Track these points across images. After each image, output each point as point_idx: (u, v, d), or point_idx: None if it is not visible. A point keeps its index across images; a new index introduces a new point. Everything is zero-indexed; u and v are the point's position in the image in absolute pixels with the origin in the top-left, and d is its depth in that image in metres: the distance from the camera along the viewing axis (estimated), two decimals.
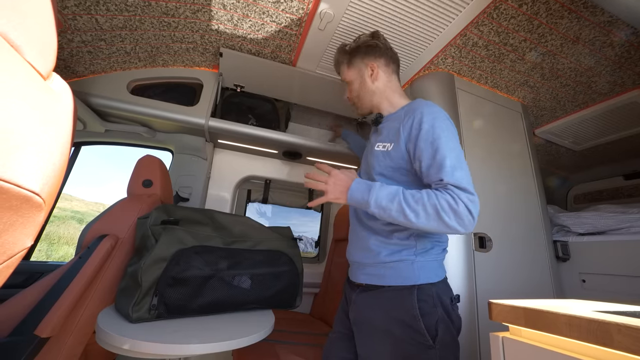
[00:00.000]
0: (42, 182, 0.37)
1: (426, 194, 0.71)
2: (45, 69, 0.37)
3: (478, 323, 1.16)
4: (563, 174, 2.56)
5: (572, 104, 1.68)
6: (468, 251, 1.25)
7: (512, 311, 0.40)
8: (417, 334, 0.73)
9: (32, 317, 0.79)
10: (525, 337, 0.41)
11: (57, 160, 0.41)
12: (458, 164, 0.74)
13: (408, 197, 0.72)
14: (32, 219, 0.38)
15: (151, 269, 0.80)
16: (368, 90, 0.97)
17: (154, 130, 1.69)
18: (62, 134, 0.41)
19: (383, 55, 0.98)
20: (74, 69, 1.39)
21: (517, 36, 1.27)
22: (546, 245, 1.47)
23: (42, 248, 8.43)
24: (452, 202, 0.68)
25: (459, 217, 0.67)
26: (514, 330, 0.42)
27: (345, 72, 1.03)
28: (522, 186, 1.55)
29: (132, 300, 0.78)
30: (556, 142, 2.03)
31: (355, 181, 0.79)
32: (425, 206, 0.69)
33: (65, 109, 0.41)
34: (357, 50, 1.00)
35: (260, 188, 2.20)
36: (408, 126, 0.82)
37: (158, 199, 1.14)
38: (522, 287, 1.33)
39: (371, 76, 0.97)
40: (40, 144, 0.36)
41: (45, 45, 0.37)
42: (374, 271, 0.83)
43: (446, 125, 0.80)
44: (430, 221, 0.69)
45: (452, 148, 0.75)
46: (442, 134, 0.77)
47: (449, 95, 1.52)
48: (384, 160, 0.86)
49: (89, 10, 1.14)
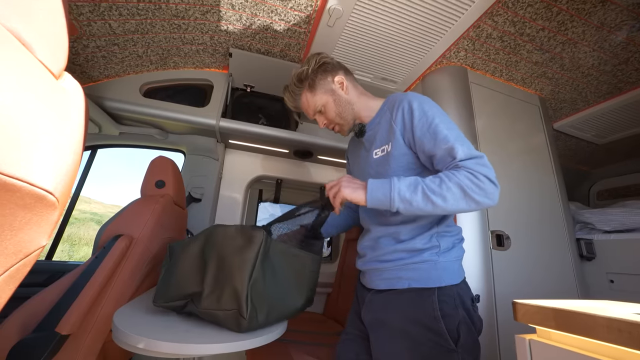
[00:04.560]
0: (55, 181, 0.37)
1: (446, 177, 0.68)
2: (56, 68, 0.37)
3: (497, 324, 1.12)
4: (584, 169, 2.45)
5: (594, 95, 1.60)
6: (485, 249, 1.21)
7: (540, 312, 0.37)
8: (437, 336, 0.70)
9: (53, 315, 0.81)
10: (555, 340, 0.38)
11: (70, 160, 0.41)
12: (459, 139, 0.72)
13: (430, 184, 0.68)
14: (46, 218, 0.38)
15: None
16: (346, 102, 0.91)
17: (166, 132, 1.72)
18: (74, 133, 0.41)
19: (340, 68, 0.94)
20: (90, 73, 1.43)
21: (535, 25, 1.21)
22: (568, 243, 1.40)
23: (65, 249, 8.77)
24: (473, 177, 0.66)
25: (484, 190, 0.66)
26: (542, 333, 0.39)
27: (311, 100, 0.92)
28: (541, 182, 1.48)
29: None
30: (577, 135, 1.94)
31: (369, 181, 0.75)
32: (450, 188, 0.66)
33: (77, 108, 0.41)
34: (314, 73, 0.91)
35: (271, 188, 2.20)
36: (400, 118, 0.79)
37: (170, 199, 1.15)
38: (544, 286, 1.27)
39: (342, 89, 0.91)
40: (53, 143, 0.36)
41: (56, 44, 0.37)
42: (394, 274, 0.79)
43: (436, 107, 0.79)
44: (459, 202, 0.66)
45: (449, 126, 0.74)
46: (435, 115, 0.76)
47: (463, 90, 1.48)
48: (389, 163, 0.82)
49: (102, 15, 1.17)
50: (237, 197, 1.94)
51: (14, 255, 0.35)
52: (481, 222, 1.25)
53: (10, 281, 0.37)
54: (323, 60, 0.92)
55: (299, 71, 0.92)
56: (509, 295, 1.18)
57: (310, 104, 0.92)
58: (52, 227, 0.40)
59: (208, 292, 0.76)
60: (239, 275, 0.72)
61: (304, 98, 0.93)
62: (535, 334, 0.41)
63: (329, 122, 0.94)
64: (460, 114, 1.42)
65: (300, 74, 0.92)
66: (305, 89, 0.92)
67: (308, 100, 0.93)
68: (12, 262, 0.35)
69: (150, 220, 1.01)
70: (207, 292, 0.76)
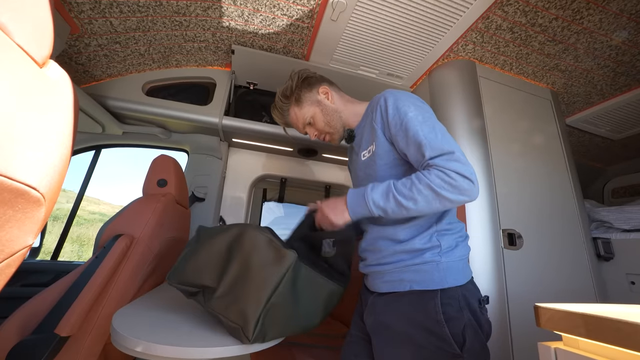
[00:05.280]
0: (39, 176, 0.35)
1: (415, 177, 0.69)
2: (40, 55, 0.35)
3: (510, 328, 1.07)
4: (598, 166, 2.36)
5: (611, 88, 1.53)
6: (496, 249, 1.16)
7: (568, 318, 0.34)
8: (441, 341, 0.67)
9: (53, 316, 0.79)
10: (585, 350, 0.34)
11: (57, 153, 0.39)
12: (433, 134, 0.70)
13: (400, 188, 0.70)
14: (30, 215, 0.36)
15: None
16: (333, 111, 0.93)
17: (170, 131, 1.71)
18: (61, 124, 0.39)
19: (323, 80, 0.97)
20: (92, 73, 1.42)
21: (548, 15, 1.16)
22: (584, 242, 1.34)
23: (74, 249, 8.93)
24: (444, 175, 0.65)
25: (457, 188, 0.65)
26: (569, 341, 0.36)
27: (299, 113, 0.94)
28: (554, 179, 1.43)
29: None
30: (591, 131, 1.87)
31: (348, 195, 0.78)
32: (420, 190, 0.67)
33: (64, 98, 0.39)
34: (299, 87, 0.94)
35: (276, 187, 2.18)
36: (379, 118, 0.80)
37: (172, 198, 1.13)
38: (559, 287, 1.22)
39: (328, 99, 0.93)
40: (35, 135, 0.34)
41: (39, 29, 0.34)
42: (395, 277, 0.77)
43: (411, 101, 0.77)
44: (431, 203, 0.67)
45: (422, 120, 0.72)
46: (408, 110, 0.74)
47: (471, 85, 1.43)
48: (375, 163, 0.82)
49: (103, 13, 1.16)
50: (241, 196, 1.92)
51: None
52: (492, 220, 1.20)
53: None
54: (306, 74, 0.95)
55: (283, 88, 0.95)
56: (522, 297, 1.13)
57: (299, 117, 0.95)
58: (39, 225, 0.38)
59: (221, 293, 0.72)
60: (256, 293, 0.67)
61: (292, 113, 0.95)
62: (560, 341, 0.37)
63: (319, 133, 0.96)
64: (469, 109, 1.38)
65: (285, 90, 0.95)
66: (292, 104, 0.95)
67: (296, 114, 0.95)
68: None
69: (152, 220, 0.99)
70: (220, 293, 0.72)
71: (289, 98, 0.95)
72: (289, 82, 0.95)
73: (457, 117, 1.36)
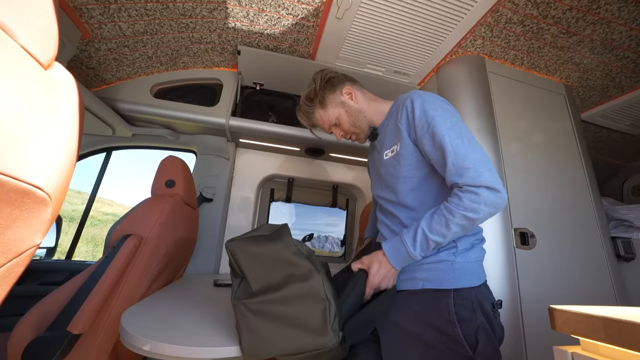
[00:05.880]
0: (45, 176, 0.35)
1: (447, 212, 0.68)
2: (45, 57, 0.35)
3: (523, 331, 1.04)
4: (616, 163, 2.27)
5: (630, 80, 1.47)
6: (508, 248, 1.13)
7: (586, 321, 0.32)
8: (453, 342, 0.65)
9: (65, 314, 0.81)
10: (604, 355, 0.32)
11: (63, 154, 0.39)
12: (459, 140, 0.69)
13: (435, 227, 0.69)
14: (37, 215, 0.36)
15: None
16: (358, 111, 0.93)
17: (178, 132, 1.73)
18: (66, 125, 0.39)
19: (346, 79, 0.97)
20: (103, 76, 1.46)
21: (561, 5, 1.12)
22: (602, 242, 1.29)
23: (89, 249, 9.19)
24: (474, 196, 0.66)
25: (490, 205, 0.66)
26: (588, 345, 0.34)
27: (324, 115, 0.94)
28: (569, 177, 1.38)
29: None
30: (608, 126, 1.80)
31: (384, 250, 0.74)
32: (456, 223, 0.67)
33: (69, 100, 0.39)
34: (322, 90, 0.94)
35: (283, 187, 2.18)
36: (404, 118, 0.80)
37: (180, 198, 1.15)
38: (576, 289, 1.17)
39: (352, 99, 0.93)
40: (41, 136, 0.34)
41: (43, 31, 0.35)
42: (407, 275, 0.76)
43: (438, 104, 0.76)
44: (466, 228, 0.68)
45: (450, 125, 0.72)
46: (435, 113, 0.73)
47: (480, 81, 1.39)
48: (399, 163, 0.81)
49: (112, 17, 1.18)
50: (249, 196, 1.93)
51: (4, 254, 0.33)
52: (503, 218, 1.17)
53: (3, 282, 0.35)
54: (329, 75, 0.95)
55: (307, 91, 0.96)
56: (536, 299, 1.09)
57: (325, 120, 0.95)
58: (46, 224, 0.39)
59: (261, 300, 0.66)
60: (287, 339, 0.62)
61: (317, 115, 0.96)
62: (578, 345, 0.35)
63: (345, 133, 0.97)
64: (479, 106, 1.34)
65: (309, 93, 0.95)
66: (316, 107, 0.95)
67: (322, 117, 0.95)
68: (2, 262, 0.34)
69: (160, 220, 1.00)
70: (260, 299, 0.66)
71: (312, 101, 0.95)
72: (312, 84, 0.96)
73: (467, 115, 1.33)
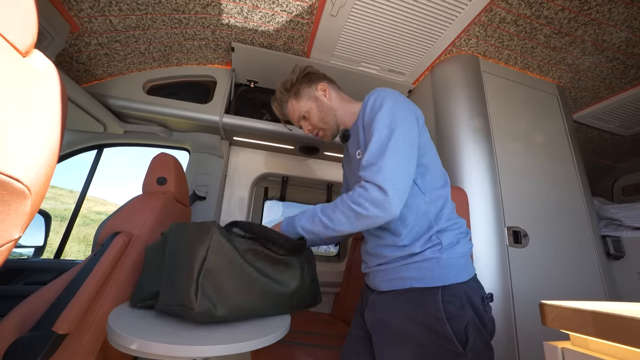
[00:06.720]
0: (23, 168, 0.34)
1: (339, 200, 0.73)
2: (22, 44, 0.34)
3: (516, 327, 1.05)
4: (607, 163, 2.31)
5: (621, 82, 1.49)
6: (501, 247, 1.14)
7: (576, 316, 0.32)
8: (443, 339, 0.65)
9: (51, 314, 0.79)
10: (594, 350, 0.32)
11: (44, 145, 0.38)
12: (385, 143, 0.70)
13: (326, 210, 0.75)
14: (14, 208, 0.35)
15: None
16: (329, 109, 0.95)
17: (171, 129, 1.70)
18: (47, 116, 0.38)
19: (324, 78, 0.99)
20: (93, 72, 1.43)
21: (554, 6, 1.13)
22: (593, 240, 1.31)
23: (81, 249, 9.04)
24: (362, 191, 0.68)
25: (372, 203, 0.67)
26: (577, 340, 0.33)
27: (296, 106, 0.97)
28: (561, 176, 1.39)
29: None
30: (599, 126, 1.83)
31: (283, 222, 0.83)
32: (341, 210, 0.71)
33: (50, 89, 0.38)
34: (299, 82, 0.96)
35: (277, 185, 2.17)
36: (361, 116, 0.82)
37: (172, 196, 1.13)
38: (567, 286, 1.19)
39: (325, 96, 0.95)
40: (17, 125, 0.33)
41: (20, 16, 0.33)
42: (395, 275, 0.76)
43: (389, 102, 0.76)
44: (352, 222, 0.70)
45: (387, 125, 0.72)
46: (380, 112, 0.74)
47: (474, 80, 1.40)
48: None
49: (102, 11, 1.15)
50: (243, 195, 1.91)
51: None
52: (496, 217, 1.17)
53: None
54: (308, 70, 0.98)
55: (285, 80, 0.98)
56: (528, 296, 1.10)
57: (296, 111, 0.97)
58: (25, 218, 0.37)
59: (164, 288, 0.77)
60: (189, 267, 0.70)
61: (289, 105, 0.98)
62: (568, 341, 0.35)
63: (312, 128, 0.98)
64: (472, 105, 1.35)
65: (286, 82, 0.98)
66: (291, 97, 0.97)
67: (293, 107, 0.97)
68: None
69: (150, 217, 0.98)
70: (164, 288, 0.77)
71: (288, 91, 0.97)
72: (291, 75, 0.98)
73: (460, 114, 1.34)
